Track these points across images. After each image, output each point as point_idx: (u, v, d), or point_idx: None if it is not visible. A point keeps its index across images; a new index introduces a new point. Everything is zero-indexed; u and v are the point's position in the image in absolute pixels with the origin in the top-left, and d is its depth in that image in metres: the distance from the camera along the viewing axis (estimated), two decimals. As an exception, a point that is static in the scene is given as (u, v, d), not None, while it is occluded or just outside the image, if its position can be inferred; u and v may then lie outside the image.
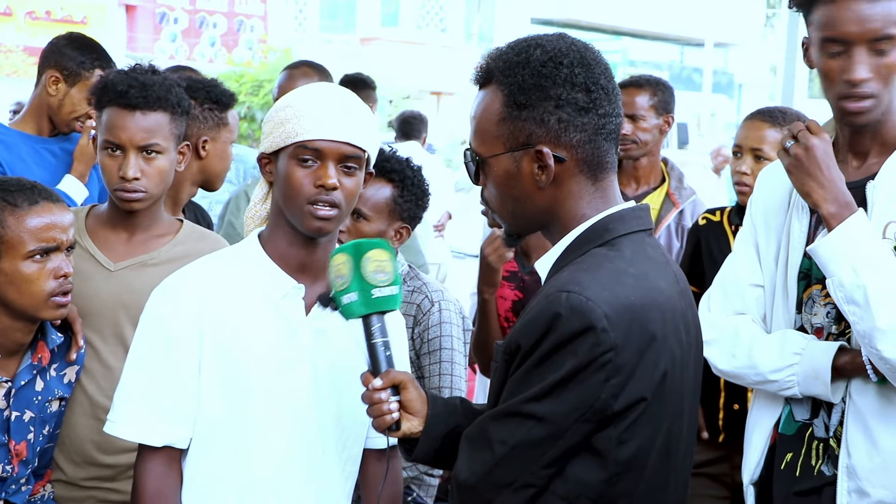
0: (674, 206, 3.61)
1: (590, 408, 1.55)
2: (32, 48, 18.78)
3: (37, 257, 2.21)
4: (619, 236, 1.66)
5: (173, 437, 1.95)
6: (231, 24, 25.16)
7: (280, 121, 1.89)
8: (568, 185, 1.66)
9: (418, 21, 29.81)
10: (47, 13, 20.50)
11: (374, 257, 1.80)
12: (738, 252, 2.35)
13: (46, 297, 2.21)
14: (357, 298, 1.78)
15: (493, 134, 1.67)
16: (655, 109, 3.65)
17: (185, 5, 24.38)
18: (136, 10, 23.48)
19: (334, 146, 1.87)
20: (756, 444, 2.25)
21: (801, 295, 2.19)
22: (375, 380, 1.77)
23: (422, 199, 2.84)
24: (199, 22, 24.78)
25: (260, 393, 1.93)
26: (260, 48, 25.06)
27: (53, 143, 3.49)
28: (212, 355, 1.92)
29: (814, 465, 2.18)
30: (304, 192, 1.88)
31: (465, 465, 1.65)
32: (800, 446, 2.20)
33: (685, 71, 38.31)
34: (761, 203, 2.32)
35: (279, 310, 1.95)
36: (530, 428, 1.57)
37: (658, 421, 1.62)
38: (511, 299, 3.15)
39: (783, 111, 3.22)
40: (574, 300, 1.54)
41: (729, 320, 2.27)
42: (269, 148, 1.93)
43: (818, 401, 2.17)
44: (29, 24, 20.39)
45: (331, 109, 1.88)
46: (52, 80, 3.37)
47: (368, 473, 2.14)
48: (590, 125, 1.64)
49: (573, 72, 1.63)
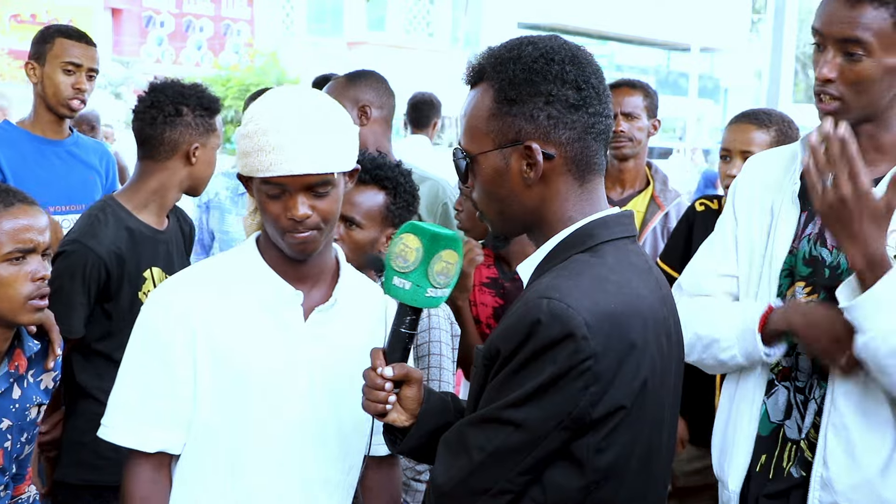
0: (659, 208, 3.61)
1: (568, 415, 1.52)
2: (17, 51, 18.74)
3: (13, 260, 2.18)
4: (602, 242, 1.64)
5: (167, 443, 1.91)
6: (218, 27, 25.15)
7: (245, 150, 1.86)
8: (555, 185, 1.64)
9: (405, 25, 29.87)
10: (32, 16, 20.46)
11: (445, 258, 1.74)
12: (714, 239, 2.32)
13: (24, 301, 2.19)
14: (409, 289, 1.72)
15: (483, 131, 1.65)
16: (647, 111, 3.66)
17: (171, 9, 24.36)
18: (122, 13, 23.43)
19: (297, 179, 1.82)
20: (740, 448, 2.22)
21: (785, 291, 2.17)
22: (387, 368, 1.73)
23: (412, 205, 2.84)
24: (186, 25, 24.76)
25: (257, 400, 1.89)
26: (247, 52, 25.06)
27: (61, 145, 3.54)
28: (207, 361, 1.89)
29: (784, 466, 2.16)
30: (279, 224, 1.85)
31: (442, 470, 1.63)
32: (774, 447, 2.18)
33: (671, 75, 38.50)
34: (745, 193, 2.28)
35: (277, 317, 1.92)
36: (508, 434, 1.55)
37: (637, 429, 1.59)
38: (492, 306, 3.14)
39: (768, 113, 3.22)
40: (555, 307, 1.51)
41: (683, 301, 2.23)
42: (240, 171, 1.90)
43: (791, 401, 2.15)
44: (14, 28, 20.34)
45: (290, 140, 1.81)
46: (30, 71, 3.49)
47: (367, 481, 2.09)
48: (579, 123, 1.62)
49: (564, 69, 1.61)
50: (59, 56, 3.44)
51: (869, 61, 1.99)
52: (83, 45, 3.49)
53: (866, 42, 1.98)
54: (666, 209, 3.60)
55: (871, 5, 1.97)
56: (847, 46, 1.99)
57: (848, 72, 2.00)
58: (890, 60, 1.99)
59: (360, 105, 3.53)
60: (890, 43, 1.98)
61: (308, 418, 1.94)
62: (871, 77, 2.00)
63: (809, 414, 2.11)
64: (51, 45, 3.46)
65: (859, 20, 1.97)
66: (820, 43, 2.05)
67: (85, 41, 3.52)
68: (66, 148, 3.55)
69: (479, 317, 3.15)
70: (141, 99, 2.81)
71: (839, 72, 2.01)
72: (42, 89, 3.47)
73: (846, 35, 1.99)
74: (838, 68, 2.01)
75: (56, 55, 3.44)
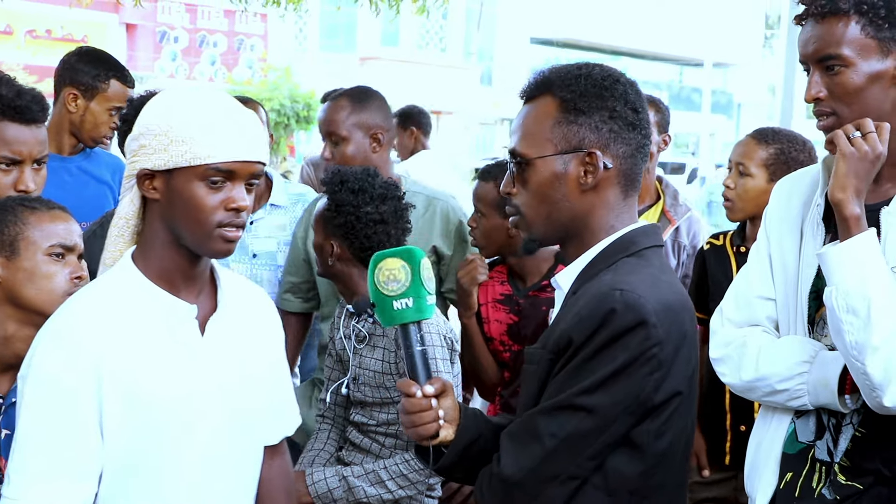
0: (669, 223, 3.60)
1: (635, 399, 1.65)
2: (33, 66, 18.85)
3: (55, 256, 2.24)
4: (645, 248, 1.78)
5: (81, 496, 1.78)
6: (231, 42, 25.26)
7: (178, 138, 1.74)
8: (605, 194, 1.78)
9: (418, 40, 29.94)
10: (48, 32, 20.61)
11: (426, 265, 1.82)
12: (750, 264, 2.31)
13: (62, 297, 2.19)
14: (412, 305, 1.77)
15: (545, 137, 1.77)
16: (658, 126, 3.66)
17: (185, 24, 24.48)
18: (137, 28, 23.56)
19: (246, 166, 1.77)
20: (768, 466, 2.21)
21: (814, 314, 2.15)
22: (427, 387, 1.79)
23: (407, 232, 2.89)
24: (200, 41, 24.88)
25: (171, 424, 1.81)
26: (260, 67, 25.16)
27: (71, 161, 3.52)
28: (114, 400, 1.77)
29: (814, 487, 2.14)
30: (216, 217, 1.76)
31: (510, 460, 1.70)
32: (801, 466, 2.16)
33: (684, 91, 38.49)
34: (775, 215, 2.28)
35: (174, 336, 1.83)
36: (580, 420, 1.65)
37: (686, 416, 1.74)
38: (506, 323, 3.12)
39: (777, 131, 3.22)
40: (628, 297, 1.64)
41: (737, 333, 2.22)
42: (163, 165, 1.76)
43: (823, 423, 2.14)
44: (29, 43, 20.48)
45: (237, 126, 1.77)
46: (70, 98, 3.41)
47: (264, 471, 2.05)
48: (634, 141, 1.77)
49: (627, 91, 1.77)
50: (111, 100, 3.40)
51: (849, 72, 2.02)
52: (131, 88, 3.46)
53: (841, 55, 2.02)
54: (676, 223, 3.59)
55: (836, 19, 2.02)
56: (826, 63, 2.04)
57: (833, 87, 2.04)
58: (871, 66, 2.02)
59: (373, 132, 3.28)
60: (865, 49, 2.02)
61: (222, 432, 1.88)
62: (856, 86, 2.02)
63: (844, 438, 2.09)
64: (106, 86, 3.40)
65: (830, 36, 2.03)
66: (806, 69, 2.10)
67: (132, 84, 3.49)
68: (77, 164, 3.53)
69: (491, 334, 3.14)
70: (125, 119, 2.77)
71: (826, 89, 2.05)
72: (79, 120, 3.42)
73: (821, 53, 2.04)
74: (823, 85, 2.05)
75: (108, 98, 3.40)
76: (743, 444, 2.35)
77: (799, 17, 2.11)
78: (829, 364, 2.06)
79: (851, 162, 1.97)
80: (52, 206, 2.31)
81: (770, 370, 2.13)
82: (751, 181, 3.07)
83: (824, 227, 2.13)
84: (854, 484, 2.06)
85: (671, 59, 37.48)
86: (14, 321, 2.24)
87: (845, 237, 1.95)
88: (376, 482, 2.72)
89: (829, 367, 2.06)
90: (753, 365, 2.16)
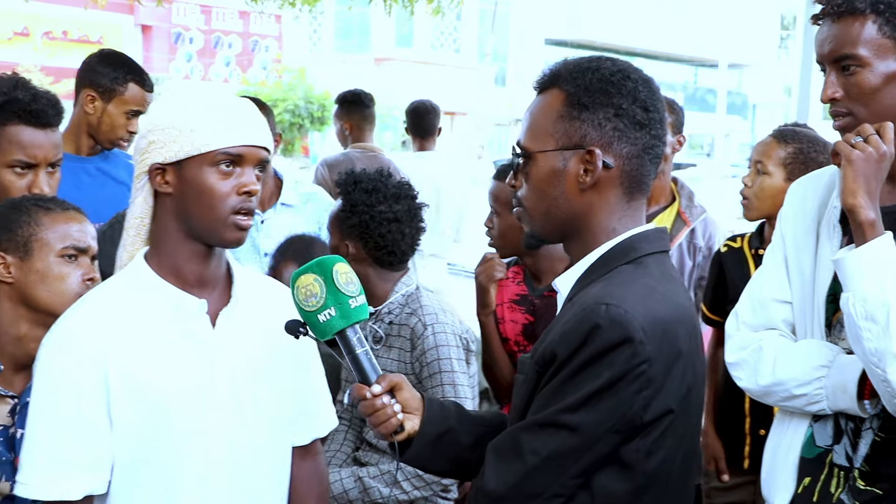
0: (685, 224, 3.58)
1: (621, 418, 1.58)
2: (49, 68, 18.95)
3: (68, 257, 2.24)
4: (645, 255, 1.70)
5: (92, 485, 1.82)
6: (246, 44, 25.34)
7: (187, 128, 1.79)
8: (606, 195, 1.70)
9: (432, 41, 29.97)
10: (64, 33, 20.71)
11: (341, 270, 1.79)
12: (766, 266, 2.29)
13: (74, 298, 2.20)
14: (336, 313, 1.76)
15: (548, 130, 1.71)
16: (673, 127, 3.65)
17: (200, 25, 24.57)
18: (152, 30, 23.67)
19: (254, 151, 1.82)
20: (785, 470, 2.19)
21: (831, 318, 2.12)
22: (374, 386, 1.77)
23: (421, 231, 2.90)
24: (215, 42, 24.97)
25: (180, 417, 1.83)
26: (275, 68, 25.24)
27: (90, 162, 3.53)
28: (122, 396, 1.80)
29: (833, 492, 2.12)
30: (230, 202, 1.80)
31: (493, 475, 1.66)
32: (819, 471, 2.15)
33: (699, 92, 38.36)
34: (791, 216, 2.26)
35: (185, 331, 1.86)
36: (563, 438, 1.60)
37: (681, 434, 1.65)
38: (522, 323, 3.11)
39: (796, 131, 3.20)
40: (613, 312, 1.56)
41: (753, 337, 2.21)
42: (174, 157, 1.80)
43: (841, 428, 2.13)
44: (46, 45, 20.59)
45: (243, 113, 1.83)
46: (88, 99, 3.43)
47: (296, 471, 2.07)
48: (641, 141, 1.68)
49: (637, 88, 1.68)
50: (129, 104, 3.40)
51: (865, 71, 2.01)
52: (149, 92, 3.46)
53: (857, 55, 2.01)
54: (692, 225, 3.58)
55: (852, 18, 2.01)
56: (842, 63, 2.03)
57: (849, 87, 2.03)
58: (888, 66, 2.01)
59: None
60: (881, 49, 2.01)
61: (236, 425, 1.89)
62: (872, 86, 2.02)
63: (864, 444, 2.07)
64: (123, 89, 3.40)
65: (846, 36, 2.02)
66: (823, 69, 2.09)
67: (151, 88, 3.49)
68: (96, 164, 3.54)
69: (506, 334, 3.12)
70: None
71: (842, 89, 2.04)
72: (96, 122, 3.43)
73: (837, 53, 2.03)
74: (840, 86, 2.04)
75: (125, 101, 3.40)
76: (762, 449, 2.33)
77: (815, 17, 2.10)
78: (847, 368, 2.04)
79: (857, 165, 1.96)
80: (67, 206, 2.31)
81: (787, 375, 2.11)
82: (768, 179, 3.06)
83: (841, 230, 2.11)
84: (873, 489, 2.04)
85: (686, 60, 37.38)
86: (27, 322, 2.25)
87: (861, 242, 1.92)
88: (391, 483, 2.73)
89: (848, 371, 2.03)
90: (770, 369, 2.14)
